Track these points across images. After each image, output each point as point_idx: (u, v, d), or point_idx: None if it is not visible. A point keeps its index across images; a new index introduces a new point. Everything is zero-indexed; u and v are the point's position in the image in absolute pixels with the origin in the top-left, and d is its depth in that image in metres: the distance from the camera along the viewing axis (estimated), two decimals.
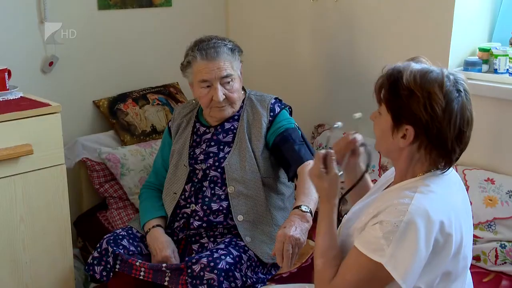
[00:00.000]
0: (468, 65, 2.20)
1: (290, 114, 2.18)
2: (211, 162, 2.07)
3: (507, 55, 2.13)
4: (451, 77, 1.32)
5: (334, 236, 1.42)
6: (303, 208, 1.74)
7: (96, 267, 1.97)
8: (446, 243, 1.29)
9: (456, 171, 2.11)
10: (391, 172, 1.53)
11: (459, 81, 1.33)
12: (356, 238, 1.34)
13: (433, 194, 1.31)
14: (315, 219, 1.59)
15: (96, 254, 1.99)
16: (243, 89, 2.19)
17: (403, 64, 1.36)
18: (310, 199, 1.79)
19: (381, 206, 1.33)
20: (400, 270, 1.25)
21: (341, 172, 1.49)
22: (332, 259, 1.38)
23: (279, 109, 2.12)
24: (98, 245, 2.00)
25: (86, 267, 2.00)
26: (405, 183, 1.38)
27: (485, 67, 2.20)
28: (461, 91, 1.32)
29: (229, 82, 2.04)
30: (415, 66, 1.34)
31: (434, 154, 1.35)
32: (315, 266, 1.41)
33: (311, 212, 1.74)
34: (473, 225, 2.03)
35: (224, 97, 2.04)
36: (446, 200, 1.34)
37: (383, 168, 2.35)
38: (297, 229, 1.64)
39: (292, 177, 2.01)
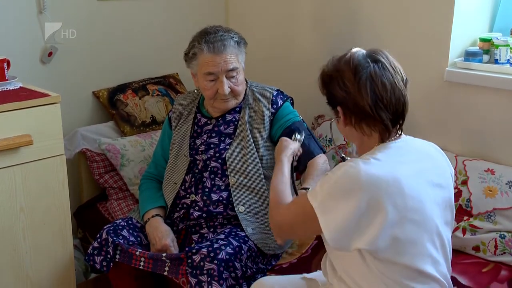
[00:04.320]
0: (469, 56, 2.18)
1: (292, 105, 2.18)
2: (212, 153, 2.07)
3: (508, 45, 2.12)
4: (366, 52, 1.45)
5: (285, 178, 1.66)
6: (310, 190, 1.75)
7: (96, 257, 1.98)
8: (380, 206, 1.34)
9: (456, 162, 2.14)
10: None
11: (374, 54, 1.44)
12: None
13: (374, 160, 1.40)
14: None
15: (96, 245, 1.99)
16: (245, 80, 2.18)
17: None
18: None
19: None
20: (325, 217, 1.37)
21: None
22: (279, 190, 1.62)
23: (281, 102, 2.12)
24: (98, 235, 2.01)
25: (86, 258, 2.01)
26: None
27: (486, 57, 2.19)
28: (376, 62, 1.42)
29: (234, 76, 2.04)
30: (335, 57, 1.49)
31: (364, 125, 1.45)
32: (270, 198, 1.64)
33: None
34: (473, 215, 2.06)
35: (229, 90, 2.04)
36: (389, 166, 1.39)
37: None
38: None
39: (302, 170, 2.02)
